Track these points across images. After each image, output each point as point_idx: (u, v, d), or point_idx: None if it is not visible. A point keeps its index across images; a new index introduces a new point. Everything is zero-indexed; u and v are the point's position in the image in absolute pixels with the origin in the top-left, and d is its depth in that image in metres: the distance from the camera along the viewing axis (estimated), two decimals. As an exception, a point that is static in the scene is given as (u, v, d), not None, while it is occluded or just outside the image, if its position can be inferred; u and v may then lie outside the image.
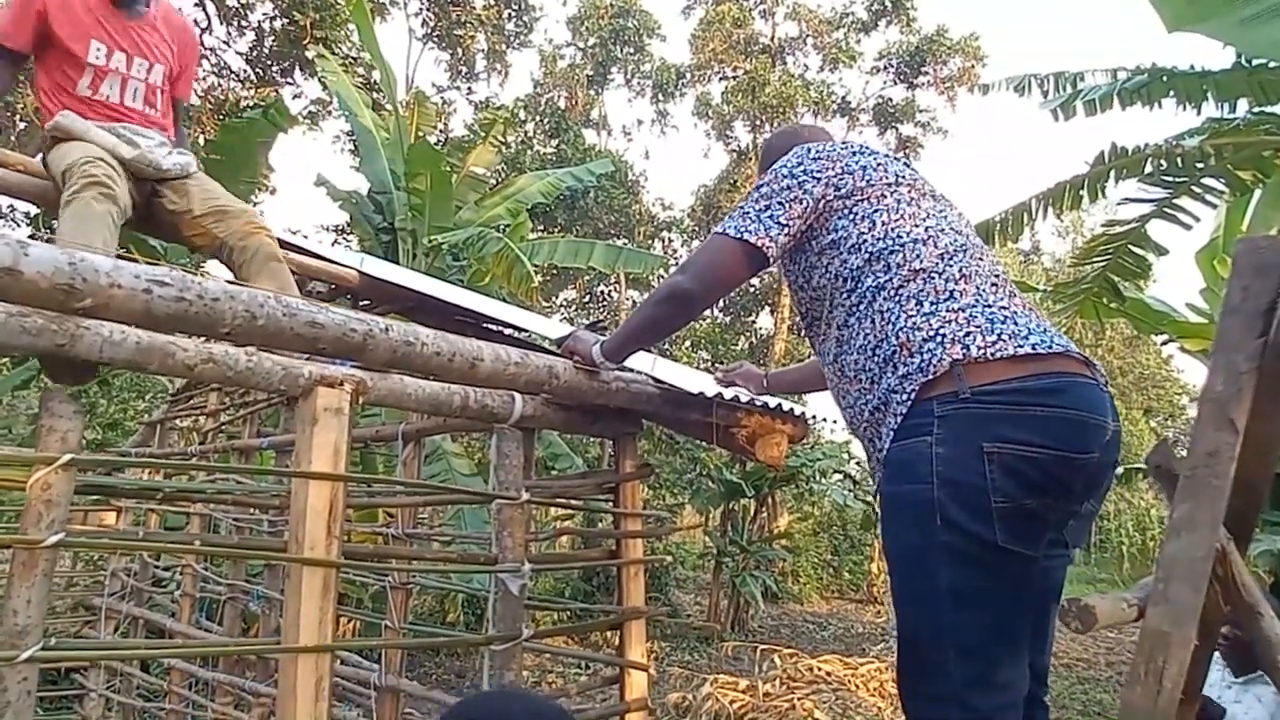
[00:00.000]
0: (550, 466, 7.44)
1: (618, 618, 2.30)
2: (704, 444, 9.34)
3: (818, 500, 13.22)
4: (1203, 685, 1.11)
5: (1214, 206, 4.38)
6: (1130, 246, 4.38)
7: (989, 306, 1.37)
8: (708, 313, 17.51)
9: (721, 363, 13.13)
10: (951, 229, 1.49)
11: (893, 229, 1.47)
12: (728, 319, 16.76)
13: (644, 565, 2.34)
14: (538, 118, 16.79)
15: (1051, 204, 4.51)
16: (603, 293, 16.85)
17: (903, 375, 1.36)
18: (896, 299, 1.40)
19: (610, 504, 2.36)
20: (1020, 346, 1.31)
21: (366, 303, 2.98)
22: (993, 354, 1.30)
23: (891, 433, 1.38)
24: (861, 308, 1.45)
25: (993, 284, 1.42)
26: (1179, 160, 4.01)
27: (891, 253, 1.44)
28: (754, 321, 17.30)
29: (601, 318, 16.15)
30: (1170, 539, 0.97)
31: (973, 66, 15.82)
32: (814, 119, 16.57)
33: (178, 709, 3.29)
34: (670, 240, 17.59)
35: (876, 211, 1.50)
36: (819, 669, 5.69)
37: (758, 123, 16.24)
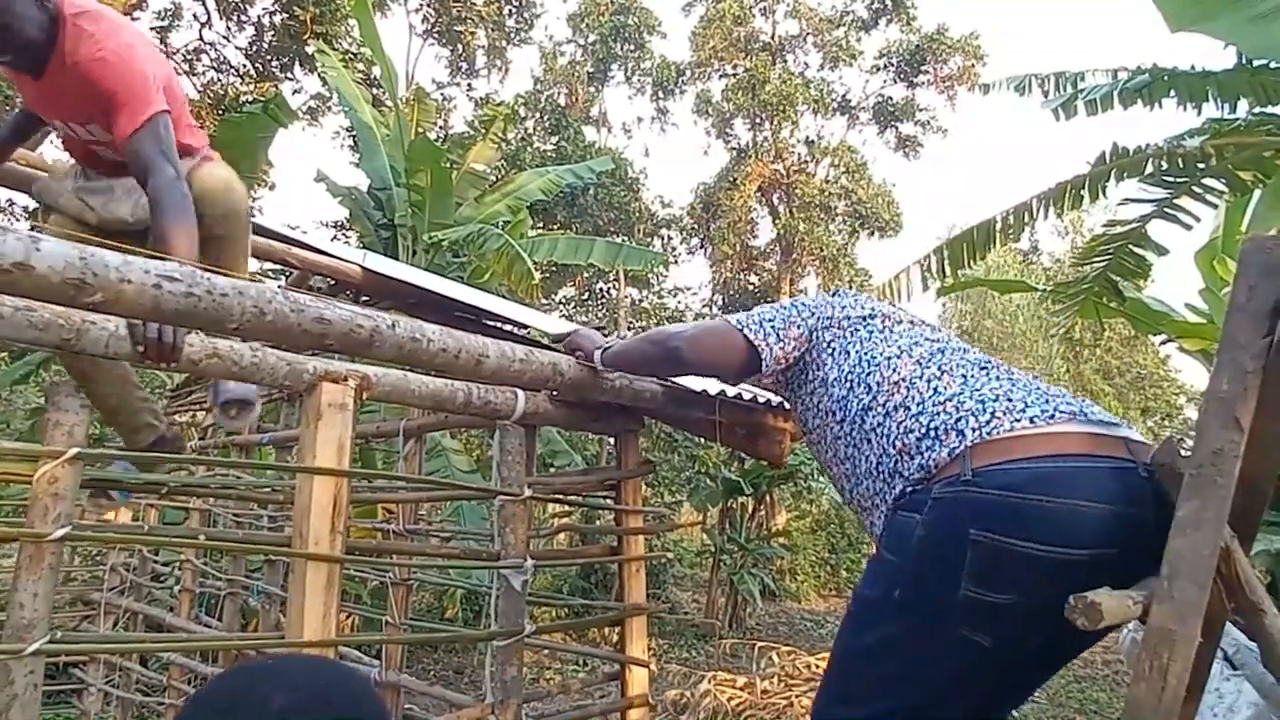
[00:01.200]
0: (549, 464, 7.45)
1: (619, 614, 2.31)
2: (702, 442, 9.35)
3: (816, 498, 13.22)
4: (1206, 682, 1.12)
5: (1214, 207, 4.39)
6: (1130, 246, 4.39)
7: (978, 390, 1.33)
8: (705, 312, 17.55)
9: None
10: (926, 340, 1.50)
11: (866, 354, 1.50)
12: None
13: (645, 562, 2.35)
14: (538, 114, 16.77)
15: (1052, 204, 4.51)
16: (602, 290, 16.84)
17: (908, 478, 1.32)
18: (885, 412, 1.39)
19: (612, 501, 2.37)
20: (1018, 421, 1.25)
21: (366, 299, 2.98)
22: (988, 433, 1.24)
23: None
24: (855, 434, 1.44)
25: (980, 369, 1.40)
26: (1180, 160, 4.01)
27: (868, 373, 1.46)
28: (753, 319, 17.27)
29: (600, 315, 16.17)
30: (1175, 536, 0.97)
31: (973, 65, 15.81)
32: (814, 117, 16.58)
33: (176, 704, 3.29)
34: (670, 237, 17.58)
35: (850, 344, 1.55)
36: (816, 666, 5.70)
37: (758, 120, 16.24)
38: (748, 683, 5.26)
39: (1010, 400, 1.29)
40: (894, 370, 1.43)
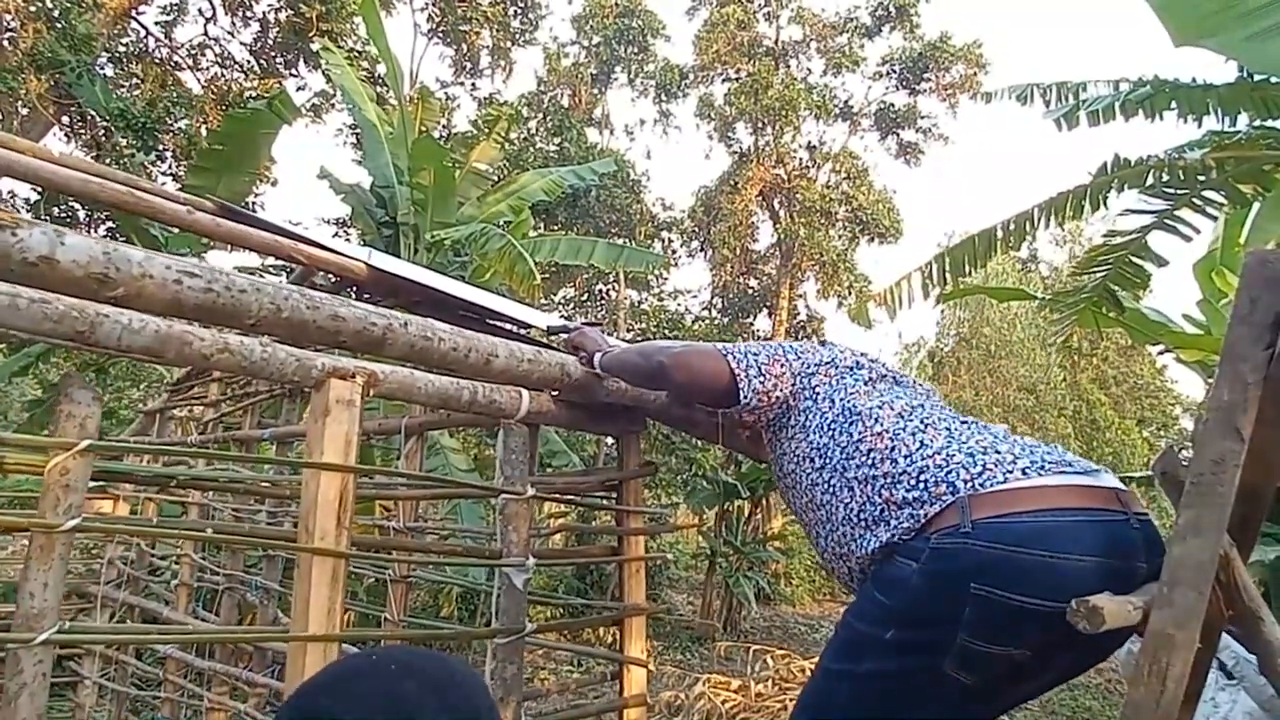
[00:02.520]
0: (547, 464, 7.46)
1: (619, 614, 2.32)
2: (700, 445, 9.36)
3: (812, 503, 13.21)
4: (1203, 687, 1.14)
5: (1214, 219, 4.42)
6: (1130, 257, 4.42)
7: (964, 443, 1.33)
8: (705, 315, 17.57)
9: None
10: (909, 397, 1.52)
11: (848, 403, 1.49)
12: (726, 320, 16.79)
13: (644, 563, 2.36)
14: (541, 115, 16.79)
15: (1054, 213, 4.54)
16: (602, 291, 16.86)
17: (894, 527, 1.31)
18: (869, 462, 1.38)
19: (612, 501, 2.38)
20: (1009, 473, 1.25)
21: (368, 296, 2.99)
22: (981, 485, 1.24)
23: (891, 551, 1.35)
24: (835, 481, 1.43)
25: (961, 422, 1.41)
26: (1180, 172, 4.04)
27: (850, 423, 1.45)
28: (752, 323, 17.33)
29: (600, 316, 16.16)
30: (1175, 543, 0.99)
31: (975, 74, 15.87)
32: (816, 122, 16.62)
33: (172, 698, 3.29)
34: (670, 240, 17.60)
35: (835, 391, 1.54)
36: (811, 670, 5.71)
37: (760, 125, 16.28)
38: (742, 685, 5.28)
39: (999, 453, 1.29)
40: (876, 421, 1.42)
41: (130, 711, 3.88)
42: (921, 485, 1.28)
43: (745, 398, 1.58)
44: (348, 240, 10.78)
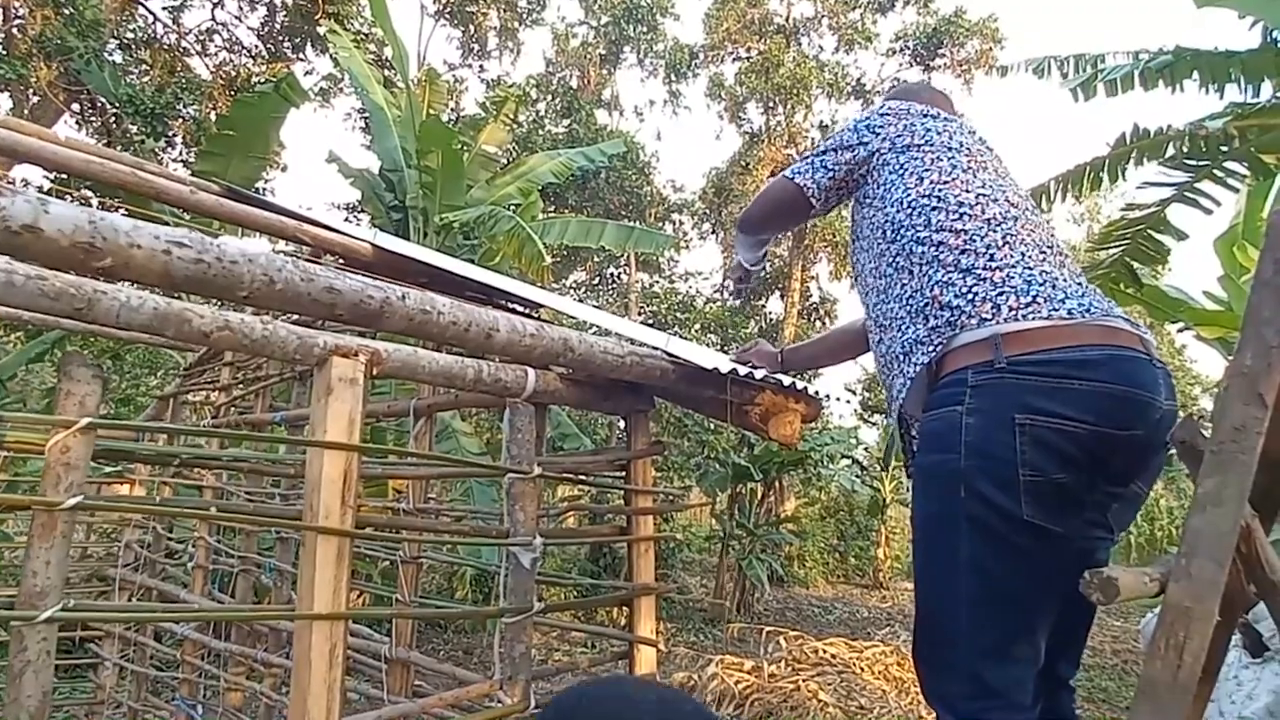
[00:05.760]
0: (558, 446, 7.47)
1: (628, 594, 2.31)
2: (712, 427, 9.34)
3: (825, 485, 13.22)
4: (1222, 663, 1.10)
5: (1236, 191, 4.32)
6: (1149, 231, 4.33)
7: (1029, 269, 1.34)
8: (716, 297, 17.50)
9: (731, 346, 13.12)
10: (1005, 200, 1.47)
11: (940, 187, 1.47)
12: (737, 302, 16.69)
13: (654, 543, 2.35)
14: (550, 97, 16.70)
15: (1070, 186, 4.45)
16: (613, 275, 16.82)
17: (932, 328, 1.36)
18: (936, 254, 1.41)
19: (622, 481, 2.36)
20: (1055, 310, 1.28)
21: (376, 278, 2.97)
22: (1024, 315, 1.28)
23: (908, 381, 1.40)
24: (900, 259, 1.47)
25: (1040, 251, 1.40)
26: (1202, 143, 3.94)
27: (934, 209, 1.45)
28: (764, 305, 17.24)
29: (611, 300, 16.13)
30: (1194, 513, 0.96)
31: (990, 49, 15.61)
32: (828, 101, 16.41)
33: (190, 678, 3.33)
34: (681, 222, 17.51)
35: (927, 170, 1.51)
36: (824, 652, 5.71)
37: (771, 104, 16.10)
38: (755, 667, 5.28)
39: (1055, 288, 1.32)
40: (960, 219, 1.43)
41: (150, 692, 3.94)
42: (968, 295, 1.33)
43: (814, 197, 1.65)
44: (358, 225, 10.78)
